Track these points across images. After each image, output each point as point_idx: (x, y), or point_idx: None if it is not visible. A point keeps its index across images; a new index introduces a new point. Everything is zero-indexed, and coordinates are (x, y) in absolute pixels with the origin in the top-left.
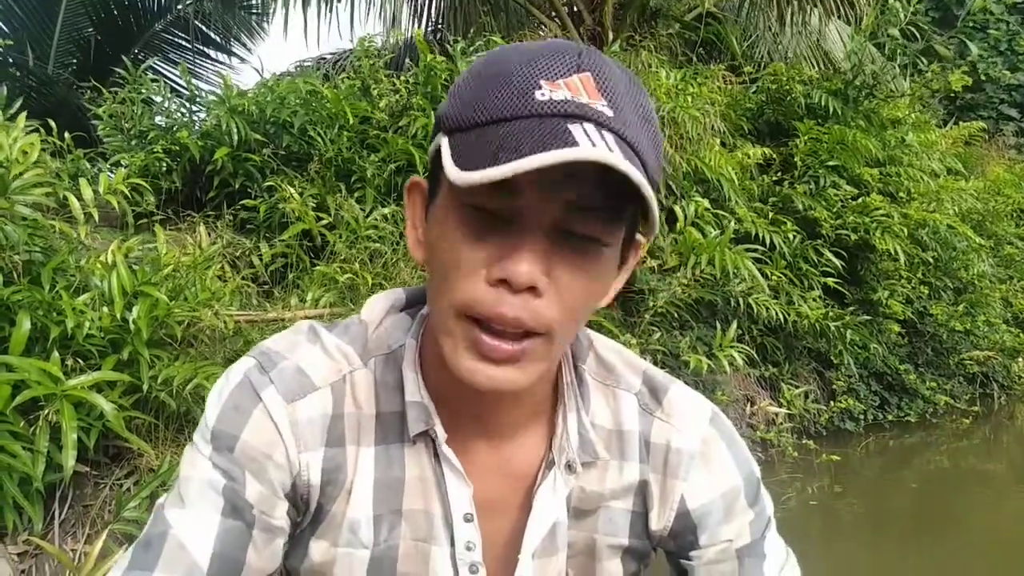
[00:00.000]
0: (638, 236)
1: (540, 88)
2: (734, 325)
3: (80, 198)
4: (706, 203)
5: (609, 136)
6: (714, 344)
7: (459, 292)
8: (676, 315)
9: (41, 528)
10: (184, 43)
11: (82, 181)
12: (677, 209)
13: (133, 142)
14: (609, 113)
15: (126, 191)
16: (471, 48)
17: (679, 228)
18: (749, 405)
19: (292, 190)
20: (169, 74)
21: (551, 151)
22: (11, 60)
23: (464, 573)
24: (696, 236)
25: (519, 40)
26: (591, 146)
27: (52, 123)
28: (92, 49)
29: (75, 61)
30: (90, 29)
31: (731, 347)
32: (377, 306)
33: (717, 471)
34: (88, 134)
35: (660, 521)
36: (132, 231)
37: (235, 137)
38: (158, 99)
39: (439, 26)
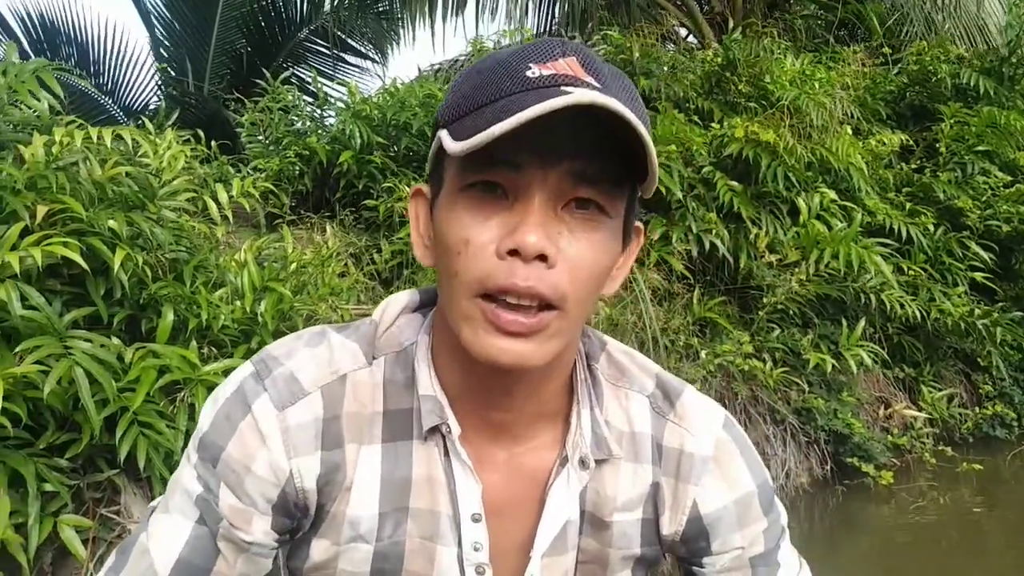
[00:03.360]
0: (638, 222)
1: (530, 68)
2: (862, 323)
3: (217, 201)
4: (832, 194)
5: (603, 95)
6: (840, 342)
7: (472, 270)
8: (798, 312)
9: None
10: (324, 50)
11: (217, 186)
12: (800, 201)
13: (270, 148)
14: (597, 85)
15: (256, 194)
16: (588, 43)
17: (802, 221)
18: (883, 408)
19: (408, 190)
20: (310, 81)
21: (546, 102)
22: (172, 71)
23: (471, 574)
24: (820, 229)
25: (637, 33)
26: (585, 93)
27: (201, 133)
28: (244, 61)
29: (228, 73)
30: (242, 41)
31: (859, 346)
32: (391, 307)
33: (731, 477)
34: (234, 142)
35: (672, 526)
36: (265, 231)
37: (358, 141)
38: (295, 106)
39: (562, 25)
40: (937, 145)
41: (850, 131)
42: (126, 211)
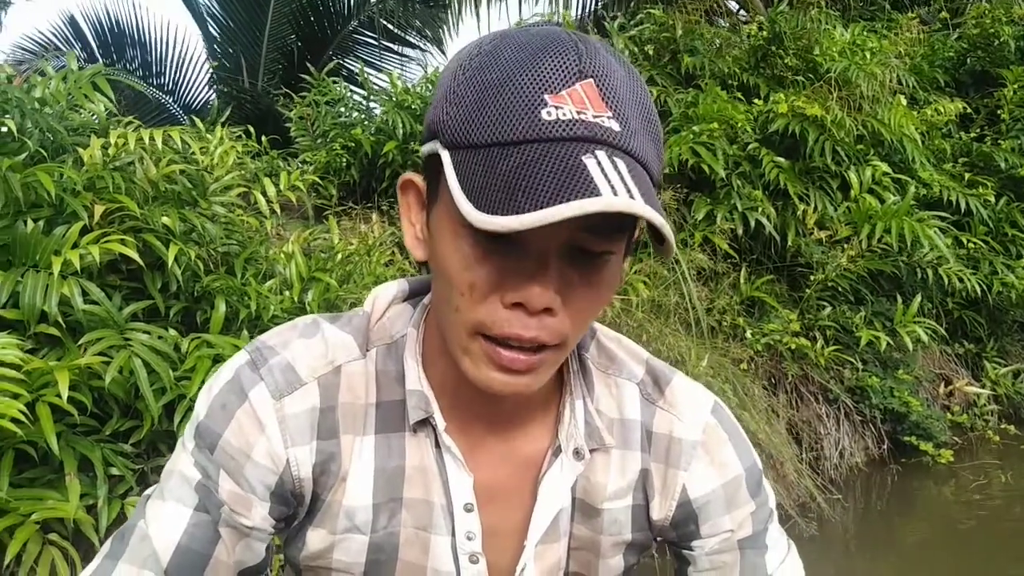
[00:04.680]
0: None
1: (546, 105)
2: (917, 299)
3: (266, 195)
4: (884, 167)
5: (623, 164)
6: (895, 319)
7: (474, 314)
8: (849, 289)
9: None
10: (372, 41)
11: (266, 180)
12: (850, 175)
13: (318, 141)
14: (616, 128)
15: (304, 187)
16: (631, 23)
17: (853, 196)
18: (943, 385)
19: None
20: (358, 73)
21: (573, 202)
22: (226, 68)
23: (464, 562)
24: (872, 203)
25: (679, 10)
26: (612, 194)
27: (251, 129)
28: (295, 56)
29: (280, 68)
30: (292, 37)
31: (915, 322)
32: (381, 297)
33: (718, 461)
34: (285, 136)
35: (661, 511)
36: (313, 222)
37: (401, 130)
38: (342, 99)
39: (607, 7)
40: (999, 112)
41: (904, 101)
42: (179, 208)
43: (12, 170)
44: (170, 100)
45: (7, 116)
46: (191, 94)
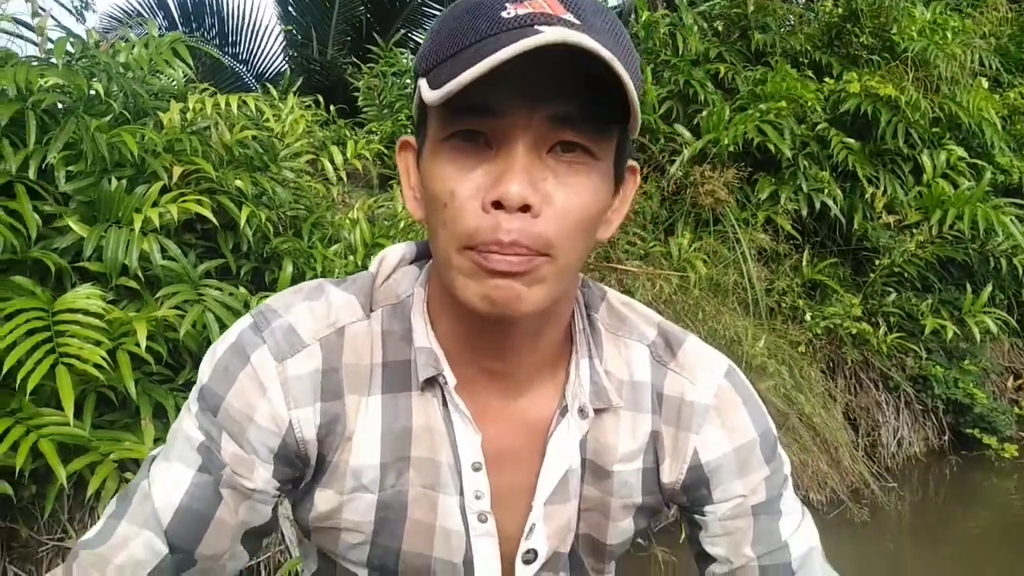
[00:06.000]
0: (631, 162)
1: (506, 8)
2: (988, 288)
3: (333, 163)
4: (960, 151)
5: (578, 33)
6: (964, 308)
7: (458, 224)
8: (916, 276)
9: None
10: (438, 13)
11: (332, 148)
12: (924, 159)
13: (384, 111)
14: (576, 22)
15: (370, 156)
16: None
17: (925, 180)
18: (1012, 378)
19: None
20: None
21: (515, 44)
22: (298, 35)
23: (473, 522)
24: (945, 188)
25: None
26: (557, 32)
27: (321, 98)
28: (364, 27)
29: (349, 39)
30: (362, 8)
31: (984, 312)
32: (388, 259)
33: (731, 425)
34: (352, 106)
35: (672, 474)
36: (378, 191)
37: None
38: (408, 70)
39: None
40: None
41: (985, 84)
42: (251, 172)
43: (99, 130)
44: (244, 69)
45: (95, 79)
46: (264, 64)
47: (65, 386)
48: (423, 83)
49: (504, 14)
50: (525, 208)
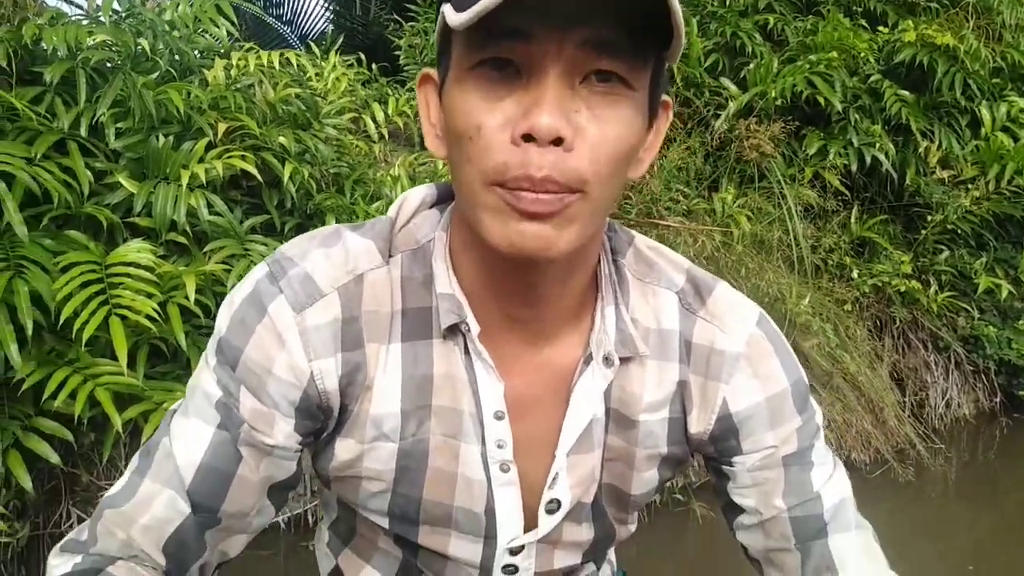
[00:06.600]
0: (665, 97)
1: None
2: None
3: (375, 120)
4: (1023, 103)
5: None
6: (1020, 267)
7: (485, 158)
8: (970, 233)
9: None
10: None
11: (374, 106)
12: (983, 111)
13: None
14: None
15: (411, 113)
16: None
17: (984, 133)
18: None
19: None
20: None
21: None
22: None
23: (495, 471)
24: (1005, 142)
25: None
26: None
27: (363, 57)
28: None
29: None
30: None
31: None
32: (408, 202)
33: (763, 374)
34: (394, 64)
35: (700, 424)
36: (419, 148)
37: None
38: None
39: None
40: None
41: None
42: (294, 129)
43: (146, 87)
44: (288, 29)
45: (141, 37)
46: (308, 24)
47: (118, 336)
48: (447, 8)
49: None
50: (557, 141)
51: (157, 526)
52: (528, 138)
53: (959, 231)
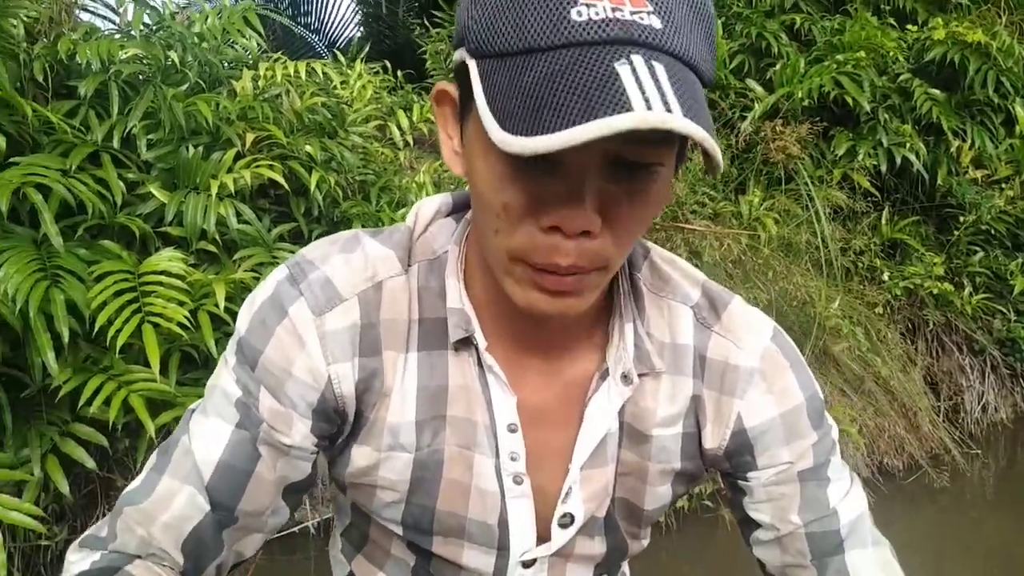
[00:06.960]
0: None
1: (576, 4)
2: None
3: (400, 128)
4: None
5: (662, 69)
6: None
7: (512, 240)
8: (1006, 233)
9: None
10: None
11: (400, 113)
12: (1017, 109)
13: (451, 75)
14: (658, 25)
15: (435, 120)
16: None
17: (1018, 132)
18: None
19: None
20: None
21: (599, 120)
22: (369, 4)
23: (508, 483)
24: None
25: None
26: (646, 108)
27: (388, 64)
28: None
29: (418, 3)
30: None
31: None
32: (424, 211)
33: (777, 390)
34: (420, 70)
35: (714, 440)
36: None
37: None
38: None
39: None
40: None
41: None
42: (321, 137)
43: (176, 99)
44: (316, 38)
45: (171, 50)
46: (336, 32)
47: (151, 343)
48: (475, 76)
49: (574, 14)
50: (586, 233)
51: (177, 524)
52: (556, 228)
53: (993, 231)
